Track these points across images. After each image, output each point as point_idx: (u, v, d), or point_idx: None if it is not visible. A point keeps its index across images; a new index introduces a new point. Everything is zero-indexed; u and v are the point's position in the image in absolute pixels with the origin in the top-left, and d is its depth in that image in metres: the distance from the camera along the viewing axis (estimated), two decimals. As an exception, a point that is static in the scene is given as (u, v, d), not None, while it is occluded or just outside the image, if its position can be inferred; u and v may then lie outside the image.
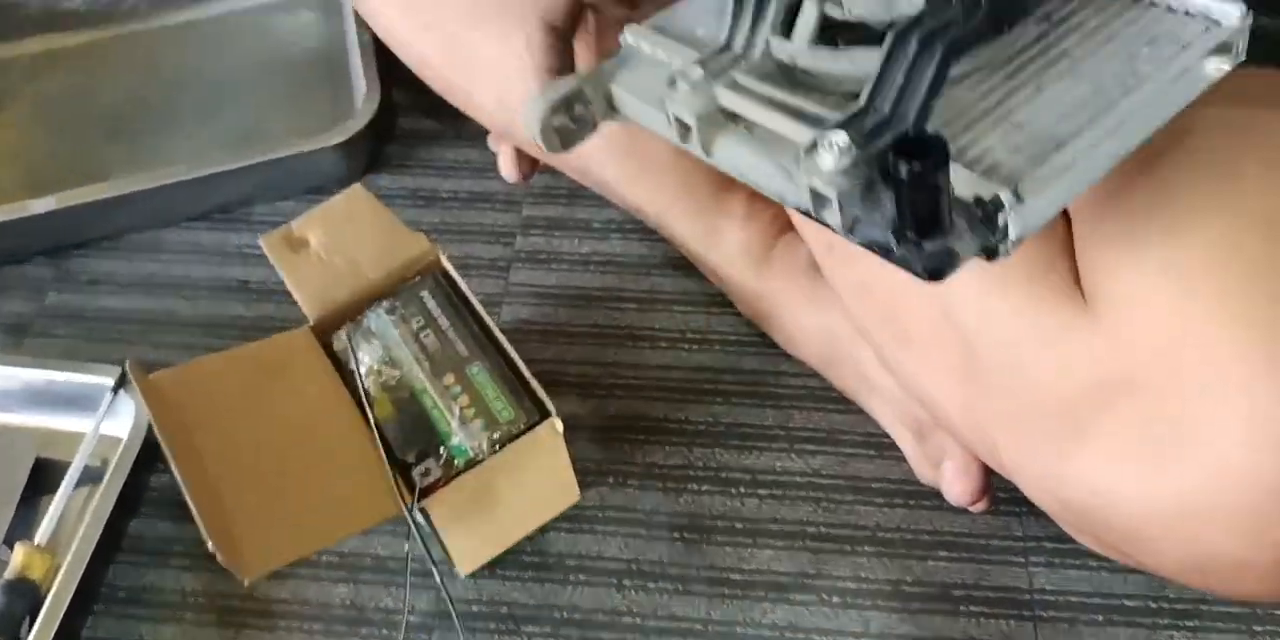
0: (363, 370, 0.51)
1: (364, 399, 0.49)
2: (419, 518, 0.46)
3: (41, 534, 0.53)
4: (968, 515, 0.52)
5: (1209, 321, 0.34)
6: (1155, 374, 0.35)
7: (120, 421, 0.57)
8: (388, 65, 0.68)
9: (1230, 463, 0.33)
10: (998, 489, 0.51)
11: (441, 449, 0.48)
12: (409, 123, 0.74)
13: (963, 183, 0.29)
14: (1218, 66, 0.33)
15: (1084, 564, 0.50)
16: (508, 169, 0.63)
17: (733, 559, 0.52)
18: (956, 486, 0.49)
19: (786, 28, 0.34)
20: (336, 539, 0.50)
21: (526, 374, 0.49)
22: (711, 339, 0.61)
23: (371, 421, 0.48)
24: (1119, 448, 0.35)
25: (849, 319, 0.51)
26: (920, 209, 0.27)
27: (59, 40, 0.80)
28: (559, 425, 0.47)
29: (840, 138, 0.28)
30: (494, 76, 0.57)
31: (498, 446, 0.47)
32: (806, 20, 0.33)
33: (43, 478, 0.57)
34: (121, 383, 0.58)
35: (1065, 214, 0.41)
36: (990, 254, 0.29)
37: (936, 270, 0.29)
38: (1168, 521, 0.35)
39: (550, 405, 0.48)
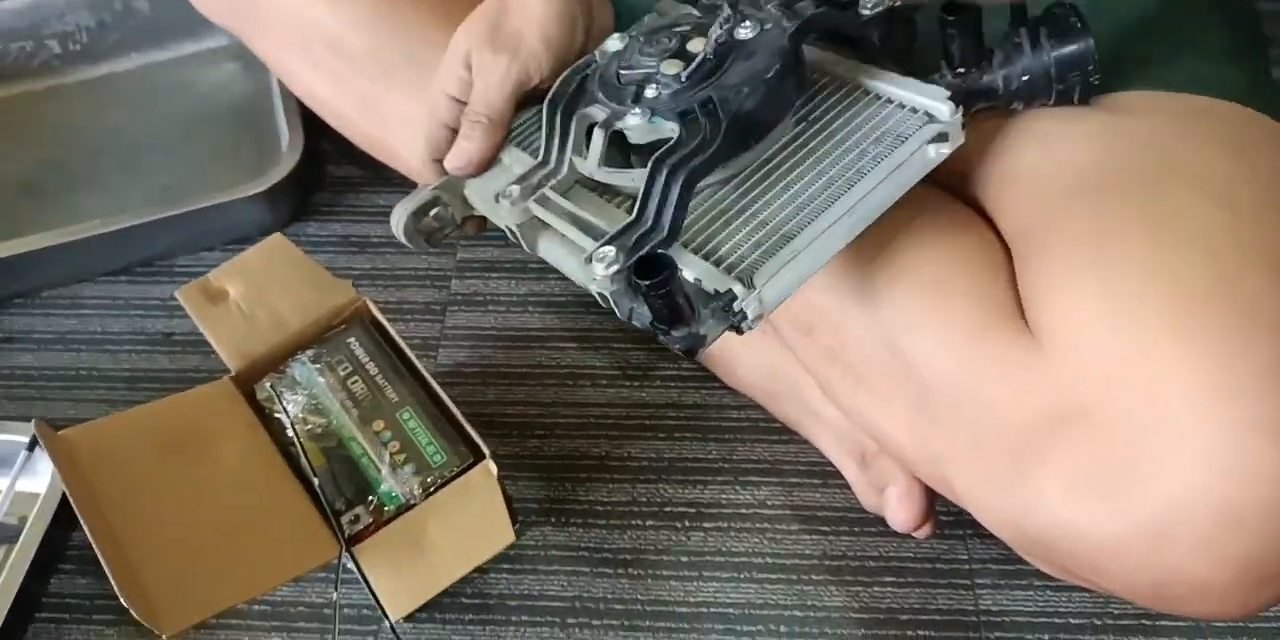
0: (287, 421, 0.49)
1: (296, 445, 0.48)
2: (349, 564, 0.44)
3: (-44, 596, 0.50)
4: (913, 540, 0.52)
5: (1152, 350, 0.34)
6: (1105, 403, 0.35)
7: (38, 479, 0.55)
8: (312, 114, 0.67)
9: (1186, 489, 0.32)
10: (941, 512, 0.51)
11: (371, 497, 0.46)
12: (336, 170, 0.73)
13: (708, 277, 0.36)
14: (938, 151, 0.39)
15: (1029, 583, 0.50)
16: None
17: (679, 592, 0.51)
18: (900, 512, 0.49)
19: (587, 147, 0.42)
20: (265, 589, 0.48)
21: (460, 417, 0.48)
22: (653, 375, 0.61)
23: (307, 467, 0.47)
24: (1076, 477, 0.35)
25: (792, 353, 0.51)
26: (661, 311, 0.35)
27: (-33, 98, 0.78)
28: (493, 467, 0.46)
29: (608, 252, 0.36)
30: (413, 130, 0.57)
31: (431, 490, 0.46)
32: (596, 145, 0.41)
33: (-41, 537, 0.54)
34: (36, 441, 0.56)
35: (1006, 247, 0.42)
36: (737, 331, 0.36)
37: (689, 350, 0.38)
38: (1128, 548, 0.34)
39: (484, 447, 0.47)
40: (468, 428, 0.48)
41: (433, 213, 0.46)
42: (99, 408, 0.61)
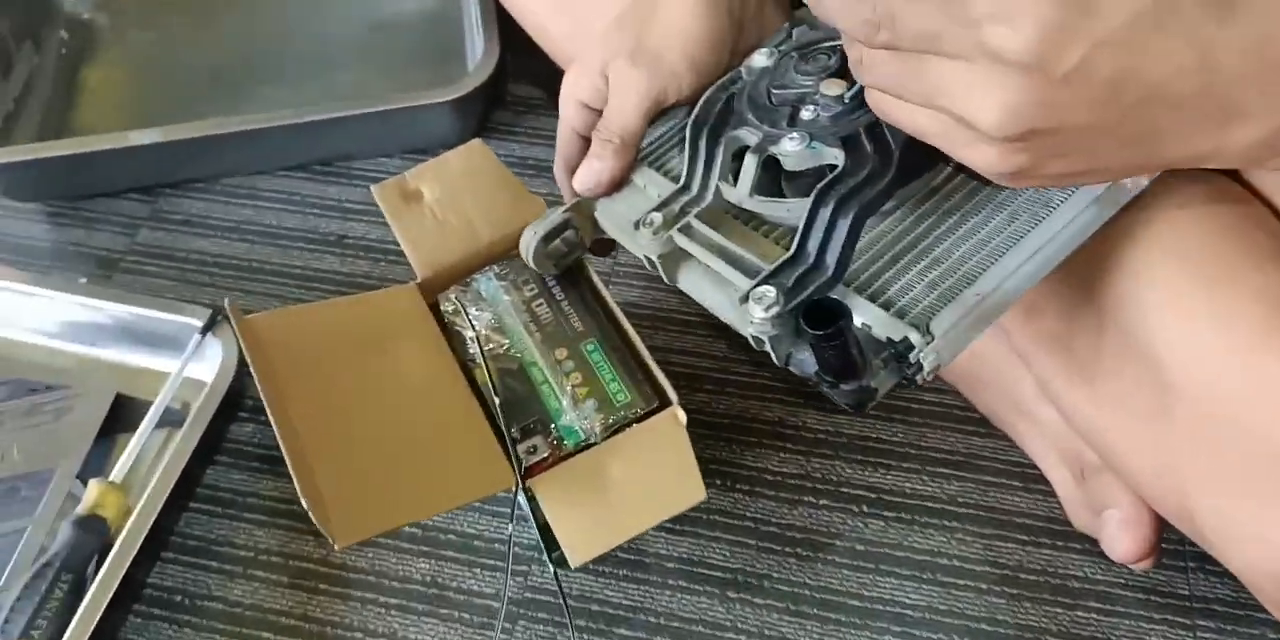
0: (469, 336, 0.46)
1: (480, 363, 0.45)
2: (522, 499, 0.41)
3: (117, 472, 0.50)
4: (1126, 567, 0.46)
5: None
6: None
7: (206, 366, 0.54)
8: (504, 29, 0.64)
9: None
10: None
11: (551, 427, 0.43)
12: (520, 90, 0.70)
13: (878, 323, 0.33)
14: (1135, 181, 0.35)
15: (1262, 635, 0.44)
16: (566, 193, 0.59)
17: (852, 583, 0.47)
18: (1123, 542, 0.43)
19: (735, 174, 0.38)
20: (437, 511, 0.45)
21: (647, 357, 0.44)
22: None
23: (489, 387, 0.44)
24: None
25: (1005, 339, 0.45)
26: (832, 363, 0.32)
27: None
28: (681, 416, 0.42)
29: (767, 293, 0.33)
30: (601, 17, 0.52)
31: (614, 430, 0.43)
32: (748, 172, 0.37)
33: (122, 415, 0.54)
34: (211, 326, 0.55)
35: None
36: (910, 383, 0.34)
37: (857, 405, 0.34)
38: None
39: (672, 393, 0.43)
40: (655, 369, 0.44)
41: (565, 234, 0.43)
42: (269, 301, 0.59)
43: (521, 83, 0.70)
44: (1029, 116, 0.27)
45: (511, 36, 0.62)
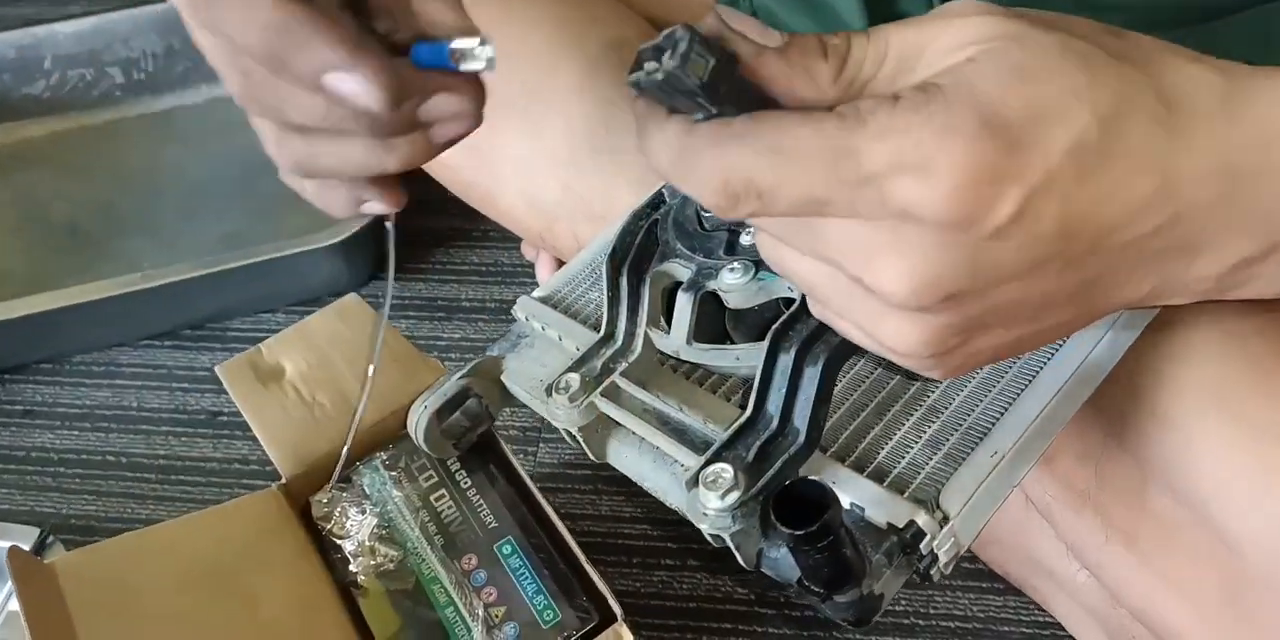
0: (350, 549, 0.37)
1: (366, 588, 0.35)
2: None
3: None
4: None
5: None
6: None
7: None
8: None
9: None
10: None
11: (459, 674, 0.34)
12: (423, 220, 0.62)
13: (874, 503, 0.26)
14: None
15: None
16: (546, 279, 0.51)
17: None
18: None
19: (667, 317, 0.32)
20: None
21: (580, 557, 0.35)
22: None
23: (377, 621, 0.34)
24: None
25: (1024, 490, 0.37)
26: (819, 569, 0.25)
27: (17, 131, 0.69)
28: (627, 636, 0.33)
29: (723, 473, 0.26)
30: (523, 176, 0.46)
31: (541, 670, 0.33)
32: (682, 315, 0.31)
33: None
34: (40, 549, 0.45)
35: None
36: (923, 579, 0.26)
37: (859, 620, 0.26)
38: None
39: (615, 604, 0.34)
40: (592, 573, 0.35)
41: (462, 407, 0.35)
42: (124, 503, 0.50)
43: (428, 213, 0.62)
44: (950, 281, 0.20)
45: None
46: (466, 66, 0.22)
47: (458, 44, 0.22)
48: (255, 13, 0.21)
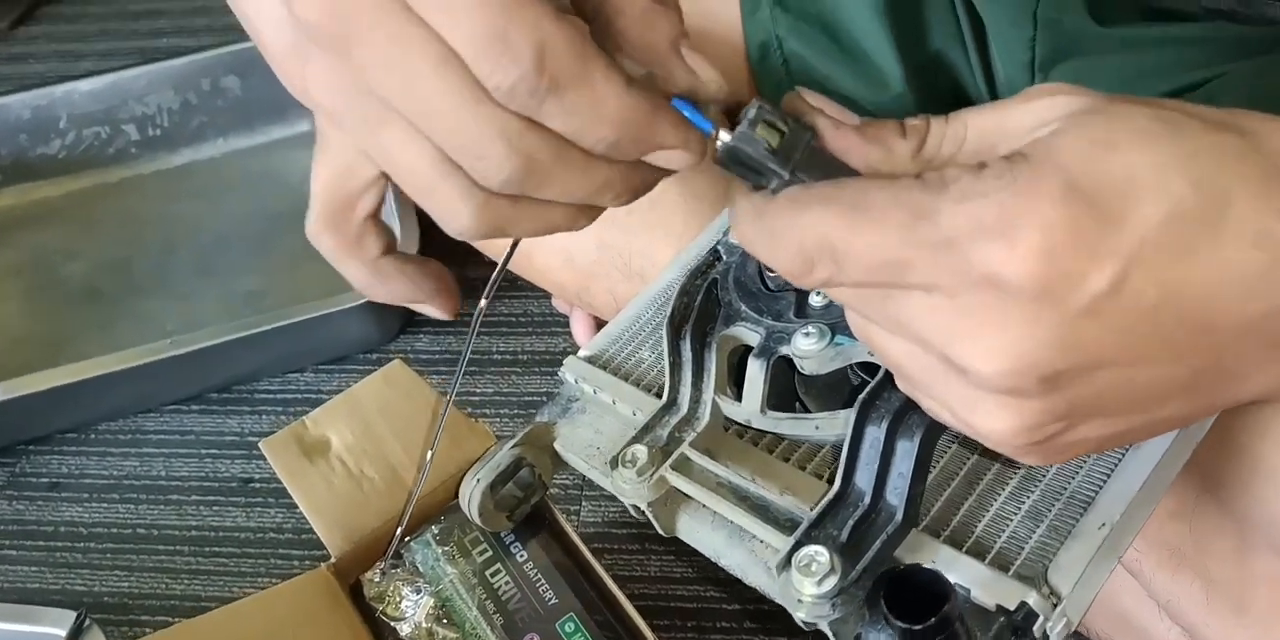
0: (407, 631, 0.35)
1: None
2: None
3: None
4: None
5: None
6: None
7: None
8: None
9: None
10: None
11: (532, 767, 0.32)
12: (452, 270, 0.61)
13: (979, 584, 0.25)
14: None
15: None
16: (583, 337, 0.50)
17: None
18: None
19: (737, 383, 0.30)
20: None
21: (646, 632, 0.34)
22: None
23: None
24: None
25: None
26: None
27: (34, 192, 0.68)
28: (706, 718, 0.32)
29: (818, 557, 0.24)
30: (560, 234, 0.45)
31: (617, 759, 0.32)
32: (755, 382, 0.29)
33: None
34: (77, 635, 0.43)
35: None
36: None
37: None
38: None
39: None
40: (657, 646, 0.33)
41: (515, 478, 0.34)
42: (158, 578, 0.48)
43: (458, 264, 0.61)
44: (1046, 361, 0.19)
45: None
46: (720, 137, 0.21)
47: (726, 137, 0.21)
48: (603, 102, 0.19)
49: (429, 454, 0.35)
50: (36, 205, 0.68)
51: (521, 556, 0.37)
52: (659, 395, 0.32)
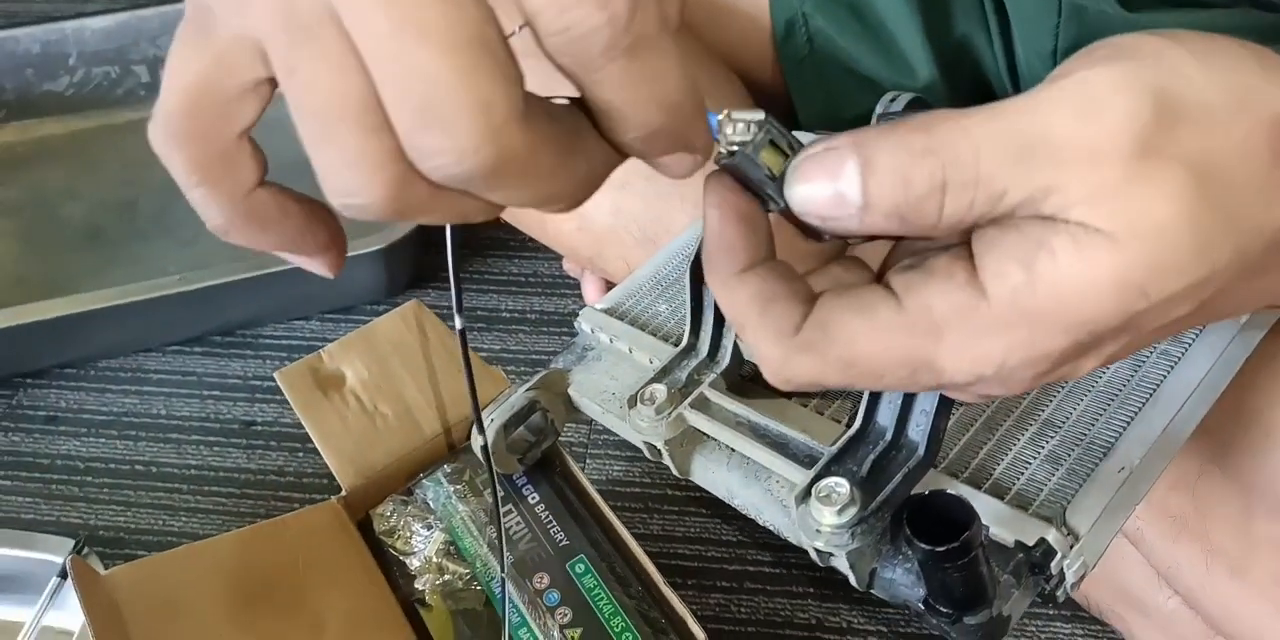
0: (415, 565, 0.35)
1: (434, 605, 0.34)
2: None
3: None
4: None
5: None
6: None
7: (70, 615, 0.42)
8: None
9: None
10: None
11: (540, 699, 0.32)
12: (459, 230, 0.61)
13: (999, 521, 0.25)
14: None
15: None
16: (593, 300, 0.50)
17: None
18: None
19: None
20: None
21: (657, 578, 0.34)
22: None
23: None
24: None
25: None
26: (954, 589, 0.23)
27: (38, 129, 0.67)
28: (714, 660, 0.32)
29: (837, 487, 0.24)
30: None
31: (626, 696, 0.32)
32: None
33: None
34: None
35: None
36: (1046, 601, 0.26)
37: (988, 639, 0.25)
38: None
39: (697, 628, 0.32)
40: (667, 593, 0.33)
41: (527, 422, 0.34)
42: (155, 514, 0.48)
43: (459, 224, 0.61)
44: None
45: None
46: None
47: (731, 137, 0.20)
48: (668, 76, 0.16)
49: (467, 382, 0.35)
50: (39, 143, 0.67)
51: (533, 498, 0.37)
52: (676, 345, 0.32)
